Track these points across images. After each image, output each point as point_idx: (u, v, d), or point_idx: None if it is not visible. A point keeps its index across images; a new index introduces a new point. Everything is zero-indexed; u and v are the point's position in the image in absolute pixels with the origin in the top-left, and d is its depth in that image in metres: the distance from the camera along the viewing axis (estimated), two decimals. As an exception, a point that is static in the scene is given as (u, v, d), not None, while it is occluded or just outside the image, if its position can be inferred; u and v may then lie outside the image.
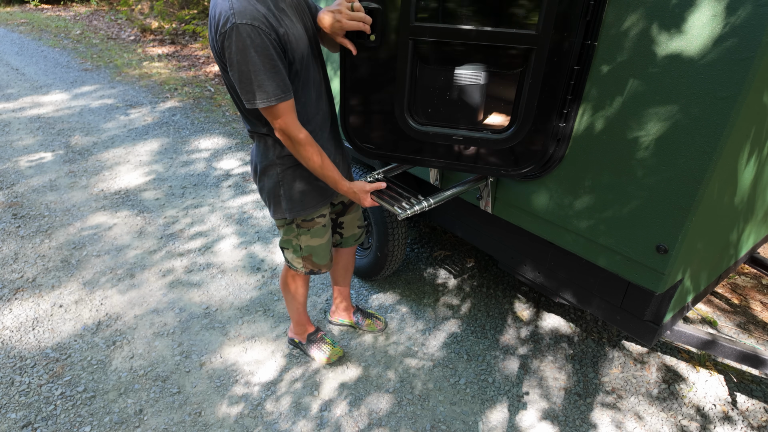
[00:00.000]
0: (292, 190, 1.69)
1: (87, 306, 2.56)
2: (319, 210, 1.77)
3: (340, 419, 1.99)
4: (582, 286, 1.77)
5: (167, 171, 4.06)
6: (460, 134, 1.58)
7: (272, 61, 1.36)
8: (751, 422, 2.03)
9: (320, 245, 1.87)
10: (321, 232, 1.83)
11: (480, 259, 2.99)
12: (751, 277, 2.94)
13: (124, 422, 1.96)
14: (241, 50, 1.32)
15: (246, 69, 1.34)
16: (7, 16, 11.05)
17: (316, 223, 1.80)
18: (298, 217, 1.75)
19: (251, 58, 1.33)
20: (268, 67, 1.36)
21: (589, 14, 1.32)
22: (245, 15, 1.30)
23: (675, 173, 1.32)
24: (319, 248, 1.88)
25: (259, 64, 1.34)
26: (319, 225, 1.81)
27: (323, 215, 1.81)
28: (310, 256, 1.89)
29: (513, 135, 1.54)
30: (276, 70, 1.38)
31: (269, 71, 1.36)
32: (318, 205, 1.76)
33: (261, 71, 1.35)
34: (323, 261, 1.93)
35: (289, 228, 1.80)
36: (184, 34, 8.86)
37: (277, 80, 1.38)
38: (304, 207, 1.73)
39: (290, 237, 1.84)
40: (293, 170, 1.66)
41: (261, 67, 1.34)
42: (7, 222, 3.28)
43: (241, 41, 1.31)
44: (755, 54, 1.11)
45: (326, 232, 1.86)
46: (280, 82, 1.39)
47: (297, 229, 1.80)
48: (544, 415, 2.04)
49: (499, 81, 1.57)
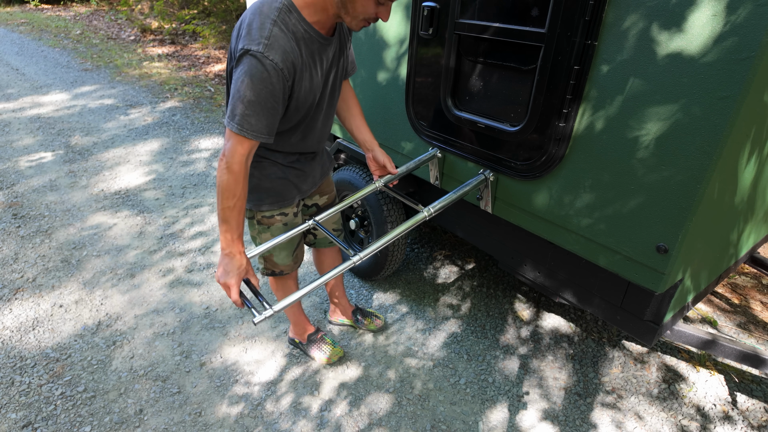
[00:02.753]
0: (253, 183, 1.65)
1: (87, 306, 2.56)
2: (278, 209, 1.74)
3: (340, 419, 1.99)
4: (582, 286, 1.77)
5: (167, 171, 4.06)
6: (483, 122, 1.74)
7: (274, 102, 1.35)
8: (751, 422, 2.03)
9: (280, 245, 1.83)
10: (281, 231, 1.77)
11: (480, 259, 2.99)
12: (751, 276, 2.94)
13: (124, 422, 1.96)
14: (253, 77, 1.30)
15: (246, 94, 1.32)
16: (7, 16, 11.05)
17: (275, 221, 1.76)
18: (257, 213, 1.74)
19: (258, 90, 1.31)
20: (267, 106, 1.34)
21: (588, 14, 1.33)
22: (276, 51, 1.29)
23: (675, 173, 1.32)
24: (278, 248, 1.84)
25: (259, 98, 1.32)
26: (278, 223, 1.77)
27: (284, 214, 1.76)
28: (270, 256, 1.86)
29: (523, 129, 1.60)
30: (272, 112, 1.37)
31: (264, 110, 1.34)
32: (275, 204, 1.72)
33: (258, 104, 1.33)
34: (284, 261, 1.89)
35: (251, 223, 1.80)
36: (184, 34, 8.86)
37: (266, 120, 1.37)
38: (262, 201, 1.70)
39: (253, 234, 1.82)
40: (256, 162, 1.63)
41: (260, 102, 1.33)
42: (7, 222, 3.28)
43: (258, 71, 1.29)
44: (755, 53, 1.11)
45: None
46: (268, 123, 1.37)
47: (258, 225, 1.78)
48: (545, 415, 2.04)
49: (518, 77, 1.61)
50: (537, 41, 1.47)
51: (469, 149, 1.84)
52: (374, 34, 2.09)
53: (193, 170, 4.08)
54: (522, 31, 1.50)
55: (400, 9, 1.93)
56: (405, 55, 1.96)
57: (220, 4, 8.06)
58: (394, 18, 1.97)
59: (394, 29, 1.98)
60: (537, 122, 1.56)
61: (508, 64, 1.62)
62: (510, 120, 1.68)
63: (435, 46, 1.81)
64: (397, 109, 2.10)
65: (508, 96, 1.66)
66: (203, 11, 8.73)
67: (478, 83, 1.75)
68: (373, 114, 2.24)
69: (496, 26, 1.57)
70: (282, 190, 1.71)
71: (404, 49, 1.96)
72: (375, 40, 2.09)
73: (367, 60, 2.17)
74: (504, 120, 1.70)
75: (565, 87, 1.44)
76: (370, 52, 2.14)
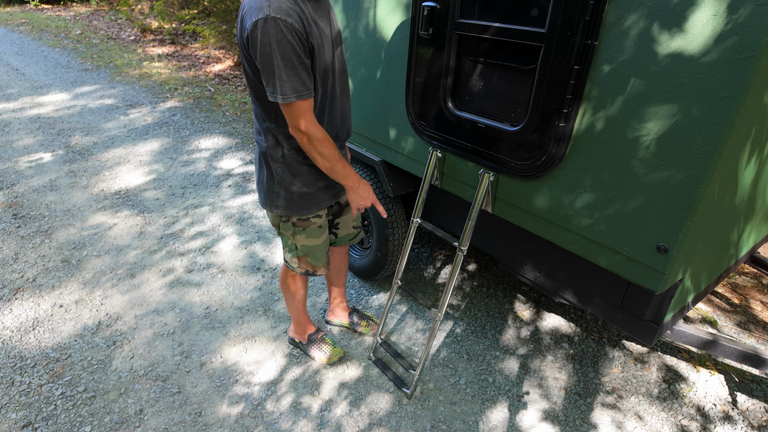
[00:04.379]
0: (290, 190, 1.70)
1: (87, 306, 2.56)
2: (314, 211, 1.78)
3: (340, 419, 1.99)
4: (582, 286, 1.77)
5: (167, 171, 4.06)
6: (483, 122, 1.74)
7: (298, 58, 1.39)
8: (751, 422, 2.03)
9: (316, 246, 1.87)
10: (317, 233, 1.84)
11: (480, 259, 2.99)
12: (751, 276, 2.94)
13: (124, 422, 1.96)
14: (270, 43, 1.35)
15: (270, 62, 1.37)
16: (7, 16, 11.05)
17: (311, 223, 1.80)
18: (293, 216, 1.76)
19: (278, 53, 1.36)
20: (295, 63, 1.39)
21: (589, 14, 1.33)
22: (281, 11, 1.34)
23: (675, 173, 1.32)
24: (315, 249, 1.88)
25: (284, 60, 1.37)
26: (314, 225, 1.81)
27: (319, 216, 1.81)
28: (306, 256, 1.89)
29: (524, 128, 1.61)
30: (302, 67, 1.41)
31: (294, 67, 1.40)
32: (313, 208, 1.77)
33: (286, 66, 1.38)
34: (319, 263, 1.93)
35: (285, 225, 1.82)
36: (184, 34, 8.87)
37: (301, 76, 1.42)
38: (300, 207, 1.74)
39: (287, 234, 1.84)
40: (295, 170, 1.68)
41: (286, 63, 1.38)
42: (8, 222, 3.28)
43: (272, 34, 1.34)
44: (756, 53, 1.11)
45: (322, 234, 1.87)
46: (302, 79, 1.42)
47: (293, 227, 1.81)
48: (545, 415, 2.04)
49: (518, 77, 1.61)
50: (537, 41, 1.47)
51: (470, 149, 1.84)
52: (374, 33, 2.09)
53: (193, 170, 4.08)
54: (522, 31, 1.50)
55: (400, 9, 1.93)
56: (405, 55, 1.96)
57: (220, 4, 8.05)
58: (394, 18, 1.97)
59: (394, 29, 1.98)
60: (537, 122, 1.56)
61: (508, 64, 1.62)
62: (510, 120, 1.68)
63: (435, 46, 1.81)
64: (397, 109, 2.10)
65: (508, 96, 1.66)
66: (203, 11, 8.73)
67: (479, 83, 1.75)
68: (373, 114, 2.24)
69: (497, 26, 1.57)
70: (318, 194, 1.76)
71: (404, 49, 1.96)
72: (375, 39, 2.09)
73: (367, 60, 2.17)
74: (504, 120, 1.70)
75: (566, 87, 1.44)
76: (370, 51, 2.14)
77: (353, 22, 2.20)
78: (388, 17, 2.00)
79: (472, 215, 1.83)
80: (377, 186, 2.38)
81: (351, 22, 2.21)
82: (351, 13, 2.19)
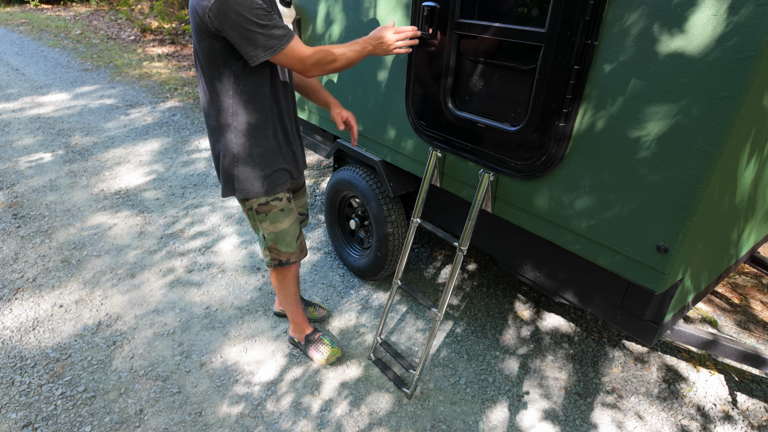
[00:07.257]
0: (246, 173, 1.73)
1: (87, 306, 2.56)
2: (272, 195, 1.80)
3: (340, 419, 1.99)
4: (582, 286, 1.77)
5: (167, 171, 4.06)
6: (483, 122, 1.75)
7: (267, 11, 1.46)
8: (751, 422, 2.03)
9: (283, 231, 1.88)
10: (279, 216, 1.85)
11: (480, 259, 2.99)
12: (751, 276, 2.94)
13: (124, 422, 1.96)
14: (239, 5, 1.40)
15: (245, 26, 1.43)
16: (7, 16, 11.05)
17: (272, 207, 1.82)
18: (254, 202, 1.79)
19: (251, 12, 1.42)
20: (268, 15, 1.46)
21: (588, 14, 1.33)
22: None
23: (675, 173, 1.32)
24: (281, 234, 1.88)
25: (259, 17, 1.43)
26: (276, 209, 1.83)
27: (279, 199, 1.82)
28: (275, 244, 1.90)
29: (524, 128, 1.61)
30: (274, 14, 1.49)
31: (270, 18, 1.46)
32: (270, 191, 1.78)
33: (263, 21, 1.44)
34: (290, 248, 1.93)
35: (251, 214, 1.84)
36: (184, 34, 8.87)
37: (278, 23, 1.49)
38: (257, 190, 1.76)
39: (254, 224, 1.88)
40: (248, 153, 1.71)
41: (261, 18, 1.44)
42: (8, 222, 3.28)
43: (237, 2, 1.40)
44: (756, 53, 1.11)
45: (286, 217, 1.87)
46: (281, 24, 1.50)
47: (257, 215, 1.83)
48: (545, 415, 2.04)
49: (518, 77, 1.62)
50: (537, 41, 1.47)
51: (470, 149, 1.84)
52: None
53: (193, 170, 4.08)
54: (522, 30, 1.50)
55: (400, 9, 1.93)
56: (405, 55, 1.96)
57: (220, 4, 8.03)
58: (394, 18, 1.97)
59: None
60: (537, 122, 1.56)
61: (508, 63, 1.62)
62: (510, 120, 1.68)
63: (435, 46, 1.81)
64: (397, 109, 2.10)
65: (508, 96, 1.66)
66: (203, 11, 8.72)
67: (478, 83, 1.75)
68: (373, 114, 2.24)
69: (497, 26, 1.57)
70: (273, 176, 1.78)
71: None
72: (375, 39, 2.09)
73: (367, 60, 2.17)
74: (504, 120, 1.70)
75: (566, 87, 1.45)
76: None
77: (353, 22, 2.20)
78: (388, 17, 2.00)
79: (472, 215, 1.83)
80: (377, 186, 2.38)
81: (351, 21, 2.21)
82: (351, 13, 2.19)
